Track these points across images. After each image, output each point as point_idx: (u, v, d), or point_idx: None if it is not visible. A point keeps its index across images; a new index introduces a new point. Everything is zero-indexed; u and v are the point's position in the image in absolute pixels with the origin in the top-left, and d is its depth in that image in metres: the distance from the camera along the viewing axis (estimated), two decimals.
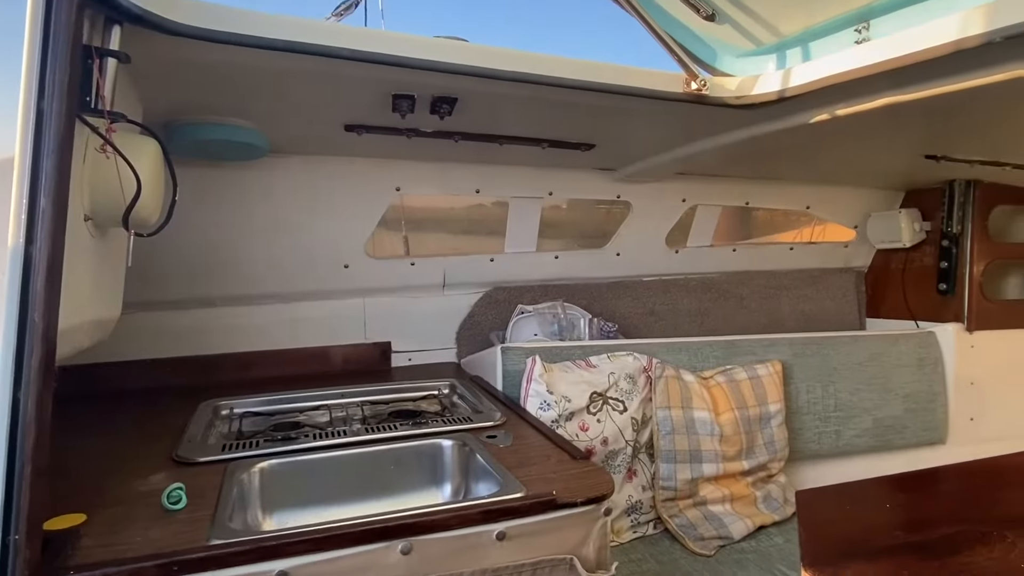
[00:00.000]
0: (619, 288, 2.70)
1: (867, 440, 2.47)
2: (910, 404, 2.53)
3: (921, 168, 2.41)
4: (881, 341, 2.55)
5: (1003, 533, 1.27)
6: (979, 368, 2.64)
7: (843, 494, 1.50)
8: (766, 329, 2.84)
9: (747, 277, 2.89)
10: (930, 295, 2.76)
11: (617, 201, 2.57)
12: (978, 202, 2.59)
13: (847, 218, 2.92)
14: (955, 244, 2.65)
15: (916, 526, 1.30)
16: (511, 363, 2.02)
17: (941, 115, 1.68)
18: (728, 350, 2.33)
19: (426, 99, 1.57)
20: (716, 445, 2.05)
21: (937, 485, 1.55)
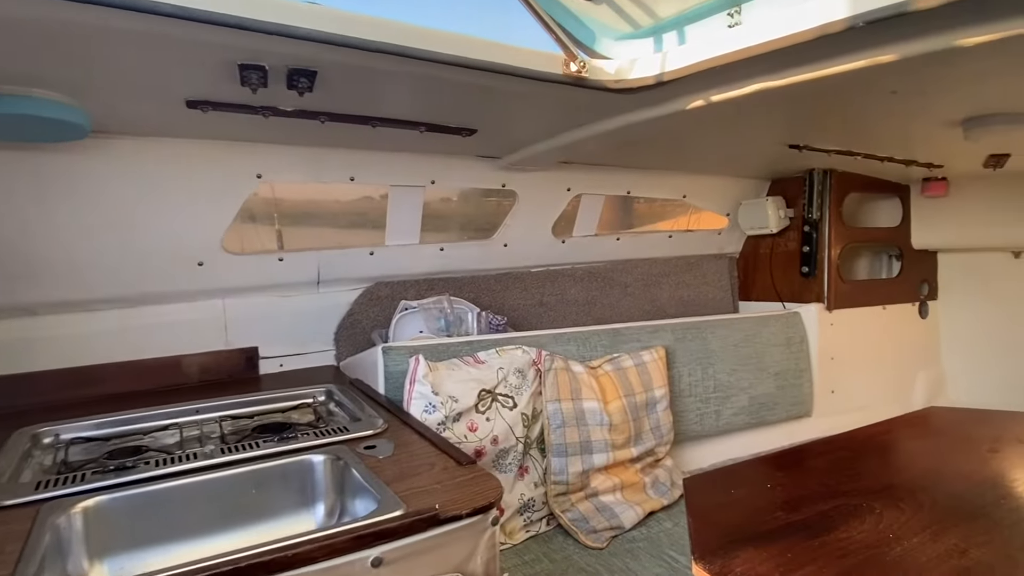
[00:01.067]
0: (507, 280, 2.63)
1: (744, 418, 2.58)
2: (781, 381, 2.68)
3: (785, 157, 2.54)
4: (753, 323, 2.68)
5: (871, 504, 1.33)
6: (838, 344, 2.86)
7: (727, 477, 1.52)
8: (649, 315, 2.90)
9: (630, 265, 2.93)
10: (794, 277, 2.95)
11: (503, 190, 2.49)
12: (834, 190, 2.79)
13: (720, 206, 3.04)
14: (815, 229, 2.84)
15: (795, 504, 1.33)
16: (393, 364, 1.88)
17: (805, 104, 1.75)
18: (615, 338, 2.33)
19: (280, 71, 1.38)
20: (606, 434, 2.04)
21: (809, 461, 1.61)
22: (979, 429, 1.81)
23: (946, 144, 2.21)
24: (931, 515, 1.27)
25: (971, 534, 1.20)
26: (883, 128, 2.05)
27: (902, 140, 2.23)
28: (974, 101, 1.65)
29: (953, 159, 2.50)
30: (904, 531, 1.21)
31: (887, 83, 1.49)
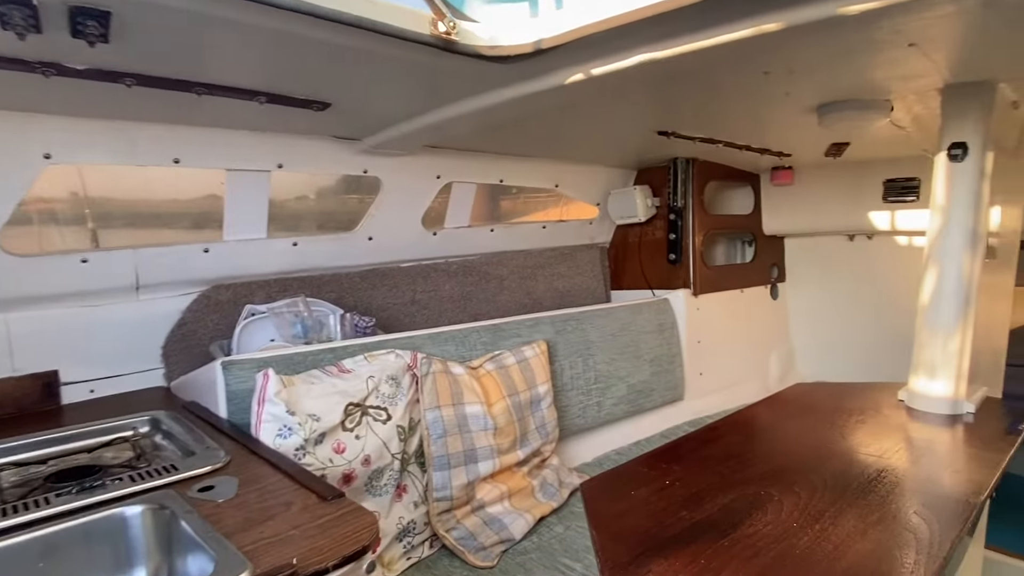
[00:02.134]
0: (374, 277, 2.38)
1: (623, 407, 2.56)
2: (655, 367, 2.70)
3: (653, 145, 2.55)
4: (628, 311, 2.67)
5: (769, 492, 1.29)
6: (704, 328, 2.96)
7: (625, 478, 1.43)
8: (526, 309, 2.80)
9: (505, 258, 2.80)
10: (662, 265, 3.00)
11: (364, 177, 2.23)
12: (696, 178, 2.87)
13: (590, 196, 3.01)
14: (680, 217, 2.90)
15: (697, 500, 1.25)
16: (237, 381, 1.57)
17: (681, 85, 1.71)
18: (495, 334, 2.18)
19: (57, 9, 1.04)
20: (491, 439, 1.88)
21: (702, 450, 1.57)
22: (843, 402, 1.90)
23: (799, 132, 2.32)
24: (826, 497, 1.25)
25: (865, 513, 1.19)
26: (747, 115, 2.09)
27: (761, 128, 2.31)
28: (833, 85, 1.70)
29: (801, 148, 2.66)
30: (806, 518, 1.17)
31: (763, 61, 1.47)
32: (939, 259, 1.81)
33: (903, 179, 2.77)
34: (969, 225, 1.76)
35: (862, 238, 3.18)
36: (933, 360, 1.80)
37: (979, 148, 1.74)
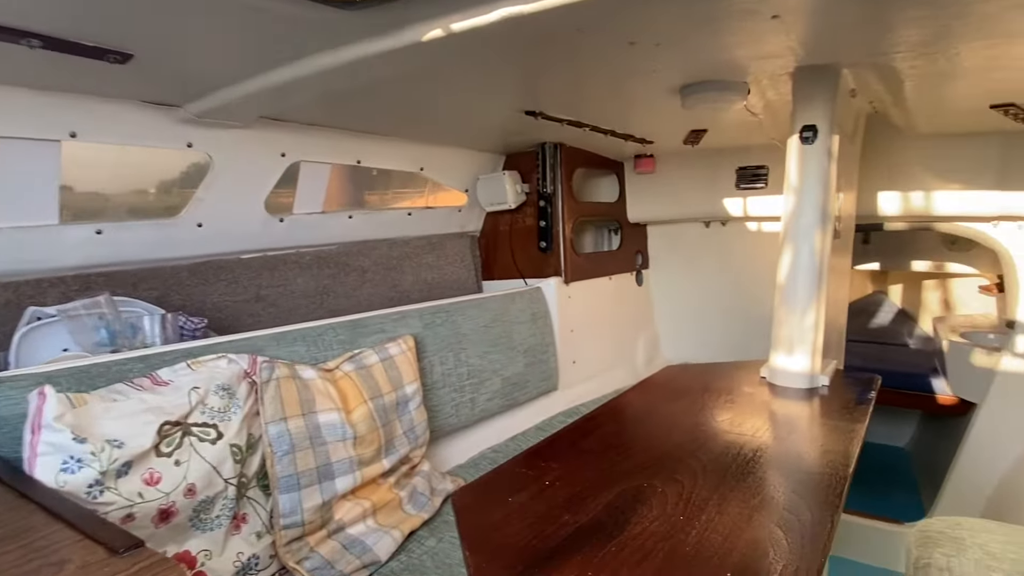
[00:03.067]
0: (207, 271, 2.04)
1: (498, 401, 2.44)
2: (529, 358, 2.61)
3: (520, 127, 2.44)
4: (501, 301, 2.55)
5: (652, 484, 1.20)
6: (575, 316, 2.92)
7: (500, 482, 1.28)
8: (392, 303, 2.58)
9: (367, 247, 2.56)
10: (533, 253, 2.92)
11: (189, 151, 1.88)
12: (564, 164, 2.81)
13: (458, 181, 2.85)
14: (550, 204, 2.84)
15: (579, 501, 1.14)
16: (7, 404, 1.21)
17: (545, 54, 1.59)
18: (353, 331, 1.95)
19: None
20: (350, 450, 1.65)
21: (580, 443, 1.47)
22: (711, 382, 1.91)
23: (662, 117, 2.32)
24: (707, 484, 1.19)
25: (747, 497, 1.14)
26: (614, 96, 2.04)
27: (627, 111, 2.28)
28: (696, 63, 1.68)
29: (663, 135, 2.69)
30: (691, 509, 1.10)
31: (629, 29, 1.39)
32: (794, 238, 1.87)
33: (753, 167, 2.92)
34: (820, 205, 1.83)
35: (717, 224, 3.33)
36: (791, 336, 1.86)
37: (827, 131, 1.81)
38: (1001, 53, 1.48)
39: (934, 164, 2.50)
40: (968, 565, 1.48)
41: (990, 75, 1.67)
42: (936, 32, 1.38)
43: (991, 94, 1.88)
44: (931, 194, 2.54)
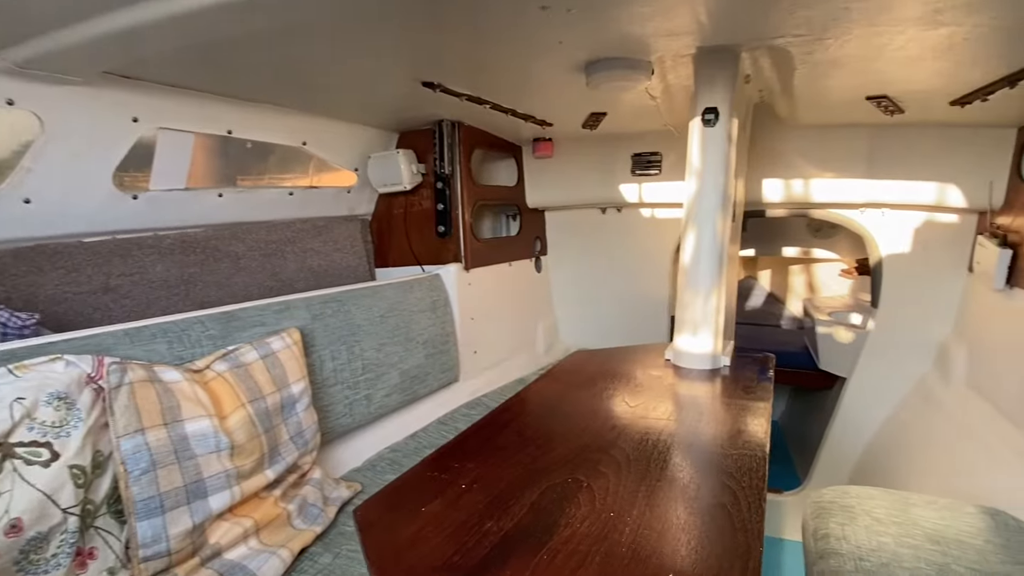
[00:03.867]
0: (39, 257, 1.69)
1: (397, 397, 2.27)
2: (429, 349, 2.46)
3: (416, 101, 2.27)
4: (398, 290, 2.37)
5: (576, 478, 1.12)
6: (476, 303, 2.80)
7: (409, 491, 1.13)
8: (273, 292, 2.31)
9: (241, 230, 2.27)
10: (431, 238, 2.76)
11: (10, 110, 1.53)
12: (463, 144, 2.67)
13: (347, 159, 2.62)
14: (448, 186, 2.69)
15: (502, 504, 1.02)
16: None
17: (443, 16, 1.44)
18: (227, 325, 1.69)
19: None
20: (226, 462, 1.42)
21: (496, 439, 1.35)
22: (619, 366, 1.87)
23: (564, 97, 2.25)
24: (633, 475, 1.13)
25: (674, 486, 1.09)
26: (518, 70, 1.93)
27: (530, 88, 2.18)
28: (604, 35, 1.61)
29: (563, 117, 2.63)
30: (621, 504, 1.02)
31: None
32: (697, 222, 1.87)
33: (648, 153, 2.95)
34: (721, 189, 1.85)
35: (613, 211, 3.36)
36: (695, 318, 1.87)
37: (727, 114, 1.82)
38: (886, 42, 1.54)
39: (812, 154, 2.66)
40: (860, 532, 1.55)
41: (871, 65, 1.75)
42: (835, 14, 1.40)
43: (868, 86, 1.99)
44: (809, 182, 2.69)
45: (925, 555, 1.45)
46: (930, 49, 1.56)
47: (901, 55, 1.62)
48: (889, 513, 1.64)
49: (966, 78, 1.80)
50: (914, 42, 1.50)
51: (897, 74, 1.81)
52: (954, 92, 1.94)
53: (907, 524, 1.59)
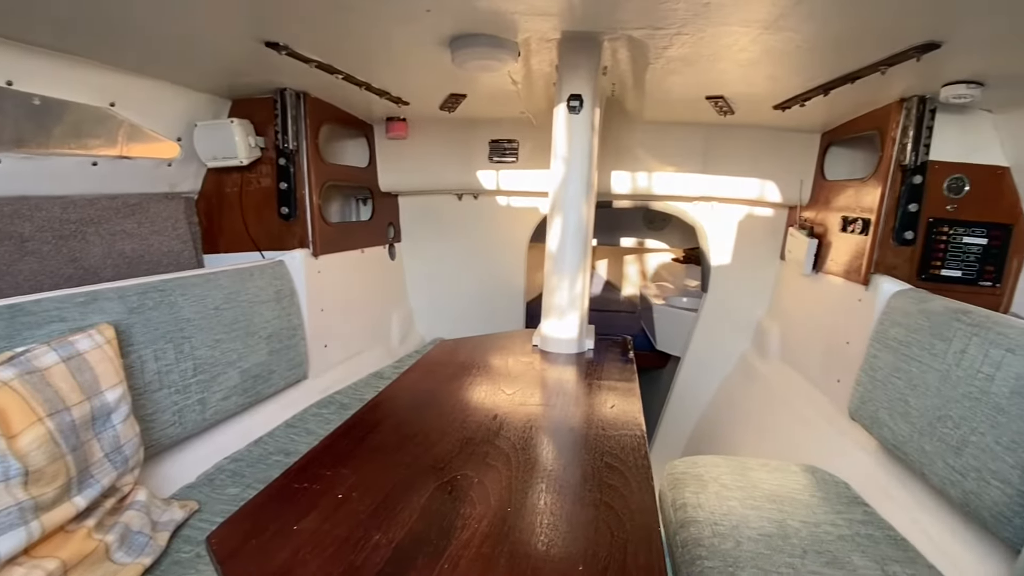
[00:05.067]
0: None
1: (237, 399, 2.01)
2: (274, 344, 2.21)
3: (254, 64, 2.00)
4: (236, 278, 2.09)
5: (466, 474, 1.04)
6: (327, 293, 2.59)
7: (274, 510, 0.97)
8: (72, 282, 1.92)
9: (28, 206, 1.84)
10: (273, 221, 2.48)
11: None
12: (309, 117, 2.43)
13: (167, 126, 2.25)
14: (292, 163, 2.43)
15: (388, 512, 0.92)
16: None
17: None
18: (13, 322, 1.35)
19: None
20: (19, 493, 1.13)
21: (370, 439, 1.23)
22: (488, 355, 1.83)
23: (424, 73, 2.14)
24: (524, 465, 1.08)
25: (567, 474, 1.06)
26: (377, 38, 1.78)
27: (388, 61, 2.03)
28: (471, 8, 1.53)
29: (420, 96, 2.51)
30: (517, 497, 0.97)
31: None
32: (563, 208, 1.89)
33: (506, 140, 2.94)
34: (585, 176, 1.87)
35: (469, 197, 3.31)
36: (562, 304, 1.88)
37: (591, 102, 1.85)
38: (733, 42, 1.66)
39: (655, 148, 2.83)
40: (712, 498, 1.67)
41: (716, 65, 1.88)
42: (696, 10, 1.46)
43: (709, 85, 2.15)
44: (652, 175, 2.87)
45: (767, 514, 1.61)
46: (768, 53, 1.71)
47: (743, 56, 1.76)
48: (734, 478, 1.79)
49: (790, 84, 2.01)
50: (757, 44, 1.63)
51: (735, 75, 1.97)
52: (778, 96, 2.17)
53: (749, 487, 1.75)
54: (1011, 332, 1.38)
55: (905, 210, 2.07)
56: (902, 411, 1.65)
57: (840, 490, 1.77)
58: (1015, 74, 1.65)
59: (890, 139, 2.08)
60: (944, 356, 1.54)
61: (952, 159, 2.04)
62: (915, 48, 1.53)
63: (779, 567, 1.38)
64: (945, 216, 2.07)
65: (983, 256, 2.07)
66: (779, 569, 1.37)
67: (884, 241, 2.11)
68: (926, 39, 1.47)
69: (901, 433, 1.63)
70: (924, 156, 2.04)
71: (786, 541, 1.48)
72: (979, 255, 2.07)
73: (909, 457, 1.59)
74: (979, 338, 1.45)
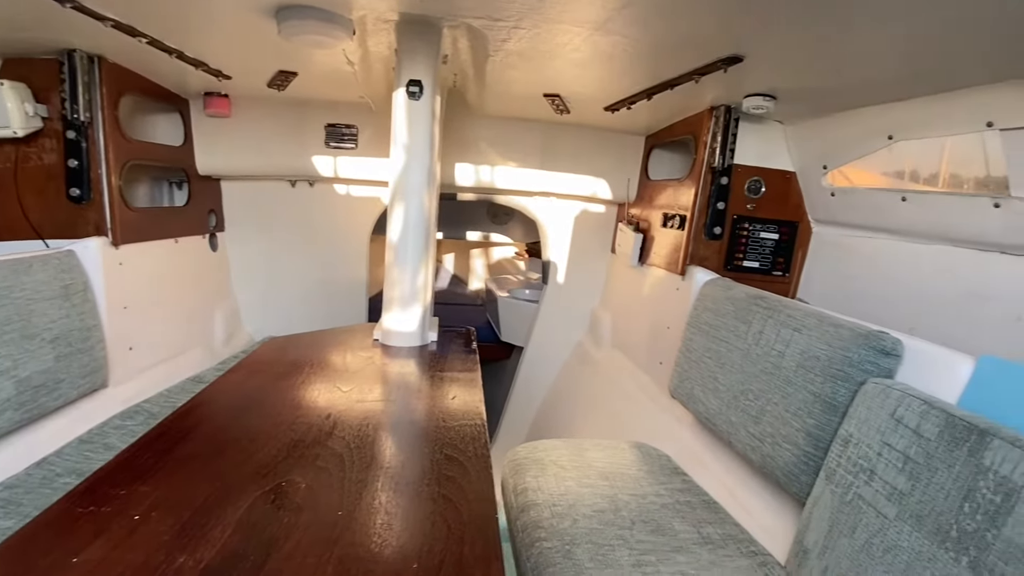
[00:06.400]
0: None
1: (12, 415, 1.67)
2: (62, 348, 1.88)
3: (31, 18, 1.68)
4: (8, 271, 1.74)
5: (292, 480, 0.96)
6: (131, 288, 2.26)
7: (48, 540, 0.81)
8: None
9: None
10: (59, 203, 2.11)
11: None
12: (106, 85, 2.09)
13: None
14: (84, 137, 2.08)
15: (195, 531, 0.81)
16: None
17: None
18: None
19: None
20: None
21: (178, 449, 1.08)
22: (324, 352, 1.72)
23: (248, 45, 1.95)
24: (358, 465, 1.02)
25: (402, 470, 1.02)
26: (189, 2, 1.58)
27: (207, 27, 1.81)
28: None
29: (244, 70, 2.28)
30: (349, 499, 0.91)
31: None
32: (404, 196, 1.83)
33: (344, 125, 2.80)
34: (427, 164, 1.83)
35: (304, 184, 3.09)
36: (404, 295, 1.83)
37: (431, 89, 1.81)
38: (566, 42, 1.72)
39: (497, 142, 2.87)
40: (551, 480, 1.73)
41: (551, 63, 1.94)
42: (531, 4, 1.49)
43: (546, 83, 2.22)
44: (494, 169, 2.91)
45: (600, 490, 1.70)
46: (597, 55, 1.80)
47: (576, 56, 1.83)
48: (571, 460, 1.87)
49: (618, 87, 2.14)
50: (588, 44, 1.71)
51: (570, 75, 2.05)
52: (608, 99, 2.30)
53: (584, 467, 1.84)
54: (797, 314, 1.59)
55: (715, 208, 2.31)
56: (712, 387, 1.83)
57: (663, 463, 1.92)
58: (798, 89, 1.90)
59: (703, 143, 2.30)
60: (745, 337, 1.74)
61: (752, 163, 2.32)
62: (722, 60, 1.69)
63: (611, 539, 1.46)
64: (746, 214, 2.35)
65: (775, 249, 2.38)
66: (610, 541, 1.45)
67: (697, 235, 2.33)
68: (731, 52, 1.64)
69: (712, 407, 1.82)
70: (730, 160, 2.29)
71: (617, 514, 1.58)
72: (772, 248, 2.38)
73: (719, 428, 1.77)
74: (773, 320, 1.66)
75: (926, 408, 1.16)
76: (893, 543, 1.12)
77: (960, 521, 1.01)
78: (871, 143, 1.97)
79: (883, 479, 1.19)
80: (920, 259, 1.92)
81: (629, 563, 1.38)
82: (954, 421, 1.10)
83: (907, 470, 1.14)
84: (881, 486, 1.18)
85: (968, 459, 1.04)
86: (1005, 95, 1.51)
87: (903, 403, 1.21)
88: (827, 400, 1.40)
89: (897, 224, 1.97)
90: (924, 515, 1.08)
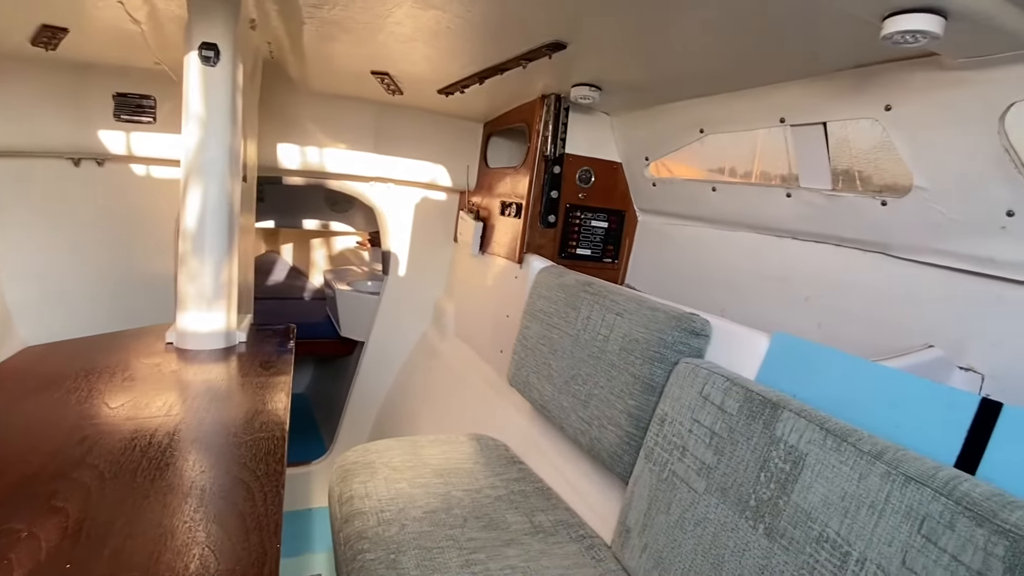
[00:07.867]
0: None
1: None
2: None
3: None
4: None
5: (10, 527, 0.75)
6: None
7: None
8: None
9: None
10: None
11: None
12: None
13: None
14: None
15: None
16: None
17: None
18: None
19: None
20: None
21: None
22: (99, 360, 1.44)
23: None
24: (109, 500, 0.83)
25: (169, 500, 0.85)
26: None
27: None
28: None
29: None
30: (85, 547, 0.73)
31: None
32: (200, 177, 1.59)
33: (137, 95, 2.41)
34: (227, 141, 1.61)
35: (91, 163, 2.62)
36: (203, 291, 1.60)
37: (230, 56, 1.59)
38: (386, 13, 1.59)
39: (325, 122, 2.66)
40: (381, 485, 1.62)
41: (375, 36, 1.80)
42: None
43: (372, 60, 2.07)
44: (323, 151, 2.69)
45: (433, 489, 1.62)
46: (421, 31, 1.69)
47: (399, 31, 1.71)
48: (404, 460, 1.77)
49: (448, 69, 2.06)
50: (409, 19, 1.60)
51: (396, 51, 1.93)
52: (440, 81, 2.21)
53: (418, 466, 1.75)
54: (620, 299, 1.63)
55: (548, 196, 2.32)
56: (546, 374, 1.83)
57: (500, 452, 1.89)
58: (619, 81, 1.95)
59: (536, 132, 2.30)
60: (575, 322, 1.75)
61: (582, 153, 2.36)
62: (546, 46, 1.67)
63: (440, 541, 1.39)
64: (578, 203, 2.39)
65: (605, 237, 2.45)
66: (440, 544, 1.38)
67: (533, 224, 2.33)
68: (554, 38, 1.62)
69: (546, 393, 1.81)
70: (562, 149, 2.31)
71: (449, 513, 1.51)
72: (603, 236, 2.45)
73: (552, 414, 1.77)
74: (599, 306, 1.68)
75: (728, 384, 1.22)
76: (703, 516, 1.16)
77: (757, 491, 1.07)
78: (685, 136, 2.08)
79: (694, 455, 1.23)
80: (729, 245, 2.07)
81: (458, 564, 1.32)
82: (752, 396, 1.16)
83: (713, 445, 1.19)
84: (692, 462, 1.23)
85: (763, 431, 1.10)
86: (793, 93, 1.65)
87: (709, 381, 1.27)
88: (646, 381, 1.44)
89: (710, 213, 2.11)
90: (728, 487, 1.13)
